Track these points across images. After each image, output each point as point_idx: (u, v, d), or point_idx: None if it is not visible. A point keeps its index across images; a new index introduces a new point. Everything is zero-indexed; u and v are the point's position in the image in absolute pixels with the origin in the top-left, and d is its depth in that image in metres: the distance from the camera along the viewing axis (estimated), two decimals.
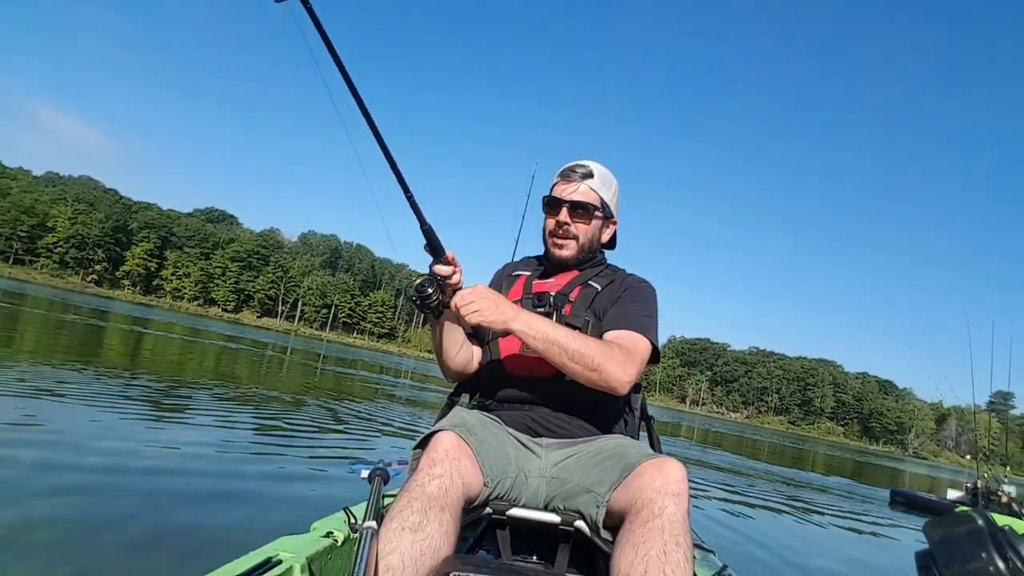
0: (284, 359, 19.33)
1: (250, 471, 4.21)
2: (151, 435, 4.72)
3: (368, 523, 1.09)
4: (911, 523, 5.72)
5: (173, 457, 4.19)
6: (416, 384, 19.43)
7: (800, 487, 8.83)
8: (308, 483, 4.18)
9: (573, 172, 1.67)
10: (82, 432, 4.31)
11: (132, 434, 4.59)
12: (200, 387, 8.02)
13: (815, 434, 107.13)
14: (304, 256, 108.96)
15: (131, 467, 3.76)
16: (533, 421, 1.56)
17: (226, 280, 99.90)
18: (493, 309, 1.41)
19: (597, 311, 1.61)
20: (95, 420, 4.71)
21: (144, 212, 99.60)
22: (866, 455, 46.71)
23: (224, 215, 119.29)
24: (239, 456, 4.57)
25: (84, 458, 3.70)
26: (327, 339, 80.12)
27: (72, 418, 4.64)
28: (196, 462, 4.16)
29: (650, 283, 1.72)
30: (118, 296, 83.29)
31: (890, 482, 18.91)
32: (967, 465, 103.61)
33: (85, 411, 4.94)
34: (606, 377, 1.42)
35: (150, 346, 13.77)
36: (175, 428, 5.22)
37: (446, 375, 1.72)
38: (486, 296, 1.42)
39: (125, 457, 3.92)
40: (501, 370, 1.62)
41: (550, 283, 1.70)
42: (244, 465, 4.36)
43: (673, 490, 1.18)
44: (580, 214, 1.66)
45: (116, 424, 4.78)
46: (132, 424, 4.91)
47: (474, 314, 1.40)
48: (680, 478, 1.21)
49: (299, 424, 6.66)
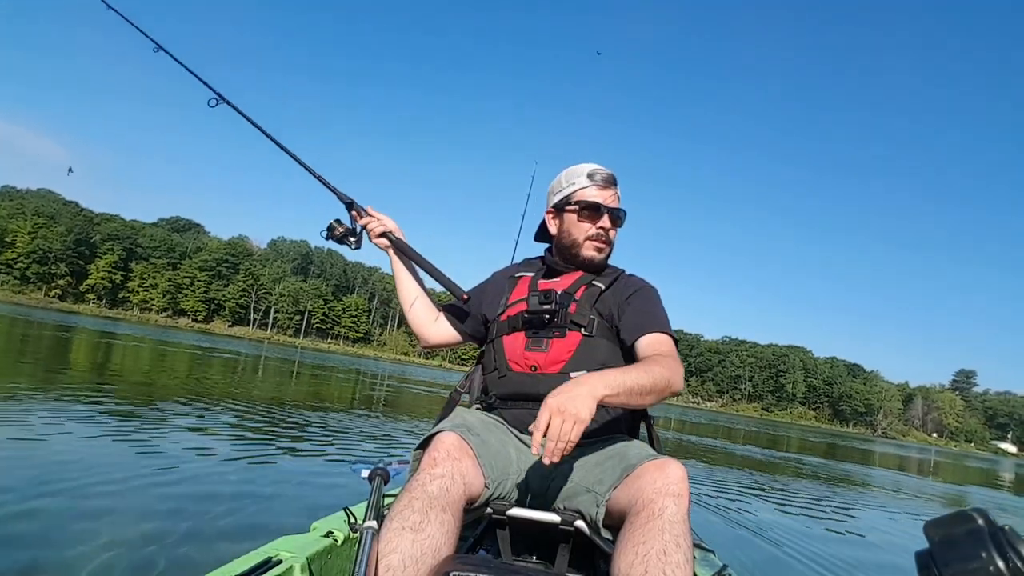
0: (269, 367, 19.10)
1: (250, 471, 4.25)
2: (146, 442, 4.70)
3: (368, 523, 1.10)
4: (911, 522, 5.84)
5: (171, 460, 4.20)
6: (400, 388, 19.35)
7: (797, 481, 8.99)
8: (308, 483, 4.20)
9: (609, 179, 1.70)
10: (74, 443, 4.27)
11: (127, 440, 4.58)
12: (189, 396, 7.90)
13: (788, 419, 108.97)
14: (275, 263, 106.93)
15: (130, 469, 3.78)
16: (523, 408, 1.58)
17: (195, 290, 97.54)
18: (573, 404, 1.21)
19: (602, 310, 1.64)
20: (87, 434, 4.66)
21: (107, 224, 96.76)
22: (837, 437, 47.64)
23: (190, 224, 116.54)
24: (239, 456, 4.60)
25: (77, 464, 3.70)
26: (301, 346, 78.89)
27: (64, 432, 4.59)
28: (195, 463, 4.18)
29: (650, 283, 1.76)
30: (83, 310, 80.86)
31: (861, 460, 19.49)
32: (934, 443, 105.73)
33: (73, 426, 4.88)
34: (676, 389, 1.40)
35: (131, 359, 13.48)
36: (169, 434, 5.19)
37: (414, 330, 1.85)
38: (561, 407, 1.21)
39: (122, 460, 3.93)
40: (505, 369, 1.63)
41: (556, 282, 1.72)
42: (243, 465, 4.40)
43: (674, 491, 1.19)
44: (616, 222, 1.71)
45: (107, 434, 4.75)
46: (124, 432, 4.89)
47: (575, 426, 1.20)
48: (681, 479, 1.23)
49: (298, 425, 6.70)
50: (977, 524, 0.56)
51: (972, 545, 0.54)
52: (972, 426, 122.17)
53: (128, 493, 3.33)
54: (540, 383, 1.55)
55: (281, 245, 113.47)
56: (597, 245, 1.69)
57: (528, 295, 1.67)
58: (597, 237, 1.68)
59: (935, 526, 0.59)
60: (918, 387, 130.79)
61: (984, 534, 0.54)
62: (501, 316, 1.72)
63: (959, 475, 21.26)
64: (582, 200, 1.68)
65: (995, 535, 0.54)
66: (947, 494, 12.67)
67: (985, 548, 0.53)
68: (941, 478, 18.01)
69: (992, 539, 0.53)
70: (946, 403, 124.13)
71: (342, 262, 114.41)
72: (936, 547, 0.57)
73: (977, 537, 0.54)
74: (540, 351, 1.58)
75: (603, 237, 1.69)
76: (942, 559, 0.55)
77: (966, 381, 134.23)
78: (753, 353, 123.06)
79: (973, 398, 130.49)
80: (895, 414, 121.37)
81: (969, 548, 0.54)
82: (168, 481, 3.69)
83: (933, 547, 0.57)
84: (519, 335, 1.64)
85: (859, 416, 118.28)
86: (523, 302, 1.66)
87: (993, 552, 0.52)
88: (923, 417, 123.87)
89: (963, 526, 0.56)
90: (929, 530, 0.59)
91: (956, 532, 0.56)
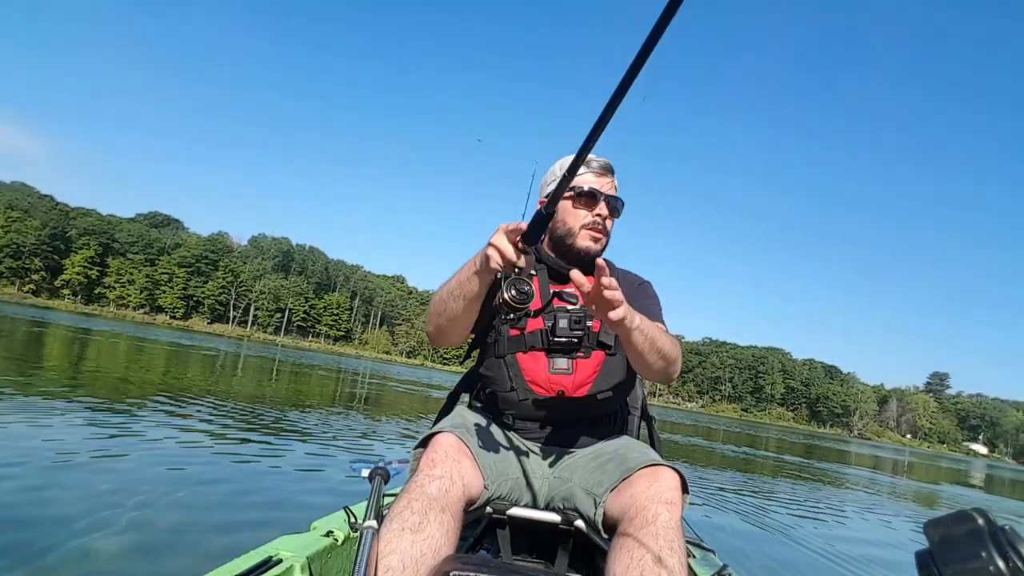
0: (265, 365, 18.91)
1: (250, 471, 4.25)
2: (144, 441, 4.69)
3: (368, 522, 1.10)
4: (910, 522, 5.92)
5: (171, 461, 4.19)
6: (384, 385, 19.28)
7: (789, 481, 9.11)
8: (308, 483, 4.21)
9: (606, 167, 1.61)
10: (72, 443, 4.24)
11: (125, 439, 4.56)
12: (178, 394, 7.84)
13: (767, 420, 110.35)
14: (255, 260, 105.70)
15: (129, 469, 3.78)
16: (543, 430, 1.55)
17: (174, 286, 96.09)
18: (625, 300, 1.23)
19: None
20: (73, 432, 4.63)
21: (83, 218, 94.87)
22: (815, 438, 48.31)
23: (169, 219, 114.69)
24: (238, 457, 4.59)
25: (76, 465, 3.69)
26: (281, 344, 78.29)
27: (64, 431, 4.56)
28: (195, 464, 4.18)
29: (645, 278, 1.74)
30: (58, 306, 79.36)
31: (839, 460, 19.83)
32: (908, 444, 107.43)
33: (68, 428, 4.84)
34: (677, 369, 1.42)
35: (107, 356, 13.29)
36: (168, 433, 5.17)
37: (437, 340, 1.54)
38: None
39: (120, 463, 3.91)
40: (525, 392, 1.52)
41: (571, 291, 1.59)
42: (243, 465, 4.40)
43: (666, 498, 1.20)
44: (614, 211, 1.62)
45: (103, 433, 4.73)
46: (122, 430, 4.87)
47: (619, 304, 1.21)
48: (674, 487, 1.23)
49: (296, 426, 6.68)
50: (977, 524, 0.56)
51: (972, 545, 0.54)
52: (945, 427, 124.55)
53: (128, 493, 3.31)
54: (567, 407, 1.52)
55: (262, 242, 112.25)
56: (593, 235, 1.57)
57: (545, 311, 1.54)
58: (593, 226, 1.57)
59: (935, 526, 0.58)
60: (893, 389, 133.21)
61: (984, 534, 0.54)
62: (511, 331, 1.54)
63: (932, 475, 21.76)
64: (577, 187, 1.56)
65: (995, 535, 0.54)
66: (920, 492, 13.08)
67: (985, 548, 0.53)
68: (916, 477, 18.50)
69: (992, 539, 0.54)
70: (920, 405, 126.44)
71: (324, 260, 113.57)
72: (936, 547, 0.57)
73: (977, 537, 0.55)
74: (566, 374, 1.49)
75: (599, 226, 1.57)
76: (942, 559, 0.55)
77: (940, 383, 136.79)
78: (733, 354, 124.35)
79: (946, 400, 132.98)
80: (871, 415, 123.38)
81: (969, 548, 0.54)
82: (168, 482, 3.68)
83: (933, 547, 0.57)
84: (539, 356, 1.52)
85: (836, 417, 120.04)
86: (538, 318, 1.53)
87: (993, 552, 0.53)
88: (898, 418, 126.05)
89: (963, 526, 0.57)
90: (929, 530, 0.58)
91: (956, 532, 0.57)
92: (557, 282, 1.61)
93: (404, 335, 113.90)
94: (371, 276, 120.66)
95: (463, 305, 1.39)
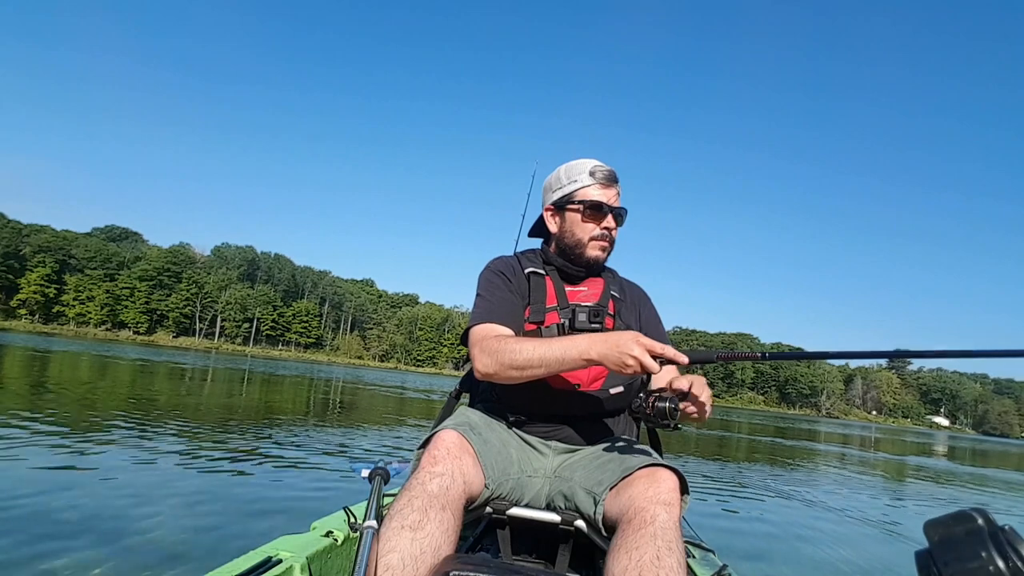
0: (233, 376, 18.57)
1: (249, 472, 4.26)
2: (145, 447, 4.69)
3: (368, 522, 1.10)
4: (910, 522, 6.07)
5: (170, 460, 4.23)
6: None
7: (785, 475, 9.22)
8: (308, 483, 4.22)
9: (611, 177, 1.64)
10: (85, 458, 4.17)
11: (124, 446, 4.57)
12: (166, 409, 7.63)
13: (739, 405, 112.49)
14: (220, 270, 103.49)
15: (128, 469, 3.82)
16: (548, 427, 1.57)
17: (136, 301, 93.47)
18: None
19: (628, 321, 1.66)
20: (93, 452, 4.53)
21: (37, 235, 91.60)
22: (785, 420, 49.43)
23: (127, 232, 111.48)
24: (238, 457, 4.58)
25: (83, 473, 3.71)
26: (251, 354, 76.79)
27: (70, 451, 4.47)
28: (194, 464, 4.21)
29: (644, 290, 1.82)
30: (15, 327, 76.58)
31: (807, 437, 20.38)
32: (873, 420, 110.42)
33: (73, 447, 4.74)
34: None
35: (69, 374, 12.92)
36: (167, 440, 5.16)
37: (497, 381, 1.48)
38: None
39: (120, 461, 3.98)
40: (541, 387, 1.53)
41: (583, 292, 1.66)
42: (243, 466, 4.40)
43: (664, 499, 1.21)
44: (619, 220, 1.66)
45: (99, 447, 4.69)
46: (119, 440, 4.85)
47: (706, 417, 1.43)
48: (672, 488, 1.24)
49: (295, 426, 6.62)
50: (977, 524, 0.54)
51: (972, 545, 0.53)
52: (908, 402, 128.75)
53: (127, 493, 3.33)
54: (579, 402, 1.55)
55: (226, 251, 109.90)
56: (602, 245, 1.63)
57: (560, 307, 1.60)
58: (602, 237, 1.62)
59: (935, 526, 0.57)
60: (858, 368, 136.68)
61: (984, 534, 0.53)
62: (527, 326, 1.58)
63: (899, 448, 22.49)
64: (585, 199, 1.60)
65: (995, 535, 0.53)
66: (890, 463, 13.48)
67: (985, 548, 0.52)
68: (885, 451, 19.17)
69: (992, 539, 0.53)
70: (884, 382, 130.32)
71: (290, 267, 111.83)
72: (936, 547, 0.56)
73: (977, 537, 0.54)
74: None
75: (608, 237, 1.63)
76: (942, 559, 0.54)
77: (902, 360, 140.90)
78: (703, 342, 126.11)
79: (908, 376, 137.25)
80: (837, 395, 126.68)
81: (969, 548, 0.53)
82: (167, 481, 3.70)
83: (933, 547, 0.56)
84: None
85: (804, 398, 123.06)
86: (554, 312, 1.59)
87: (993, 552, 0.52)
88: (863, 396, 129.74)
89: (963, 526, 0.55)
90: (929, 530, 0.57)
91: (956, 532, 0.55)
92: (568, 283, 1.68)
93: (376, 339, 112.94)
94: (339, 281, 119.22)
95: (551, 373, 1.42)
